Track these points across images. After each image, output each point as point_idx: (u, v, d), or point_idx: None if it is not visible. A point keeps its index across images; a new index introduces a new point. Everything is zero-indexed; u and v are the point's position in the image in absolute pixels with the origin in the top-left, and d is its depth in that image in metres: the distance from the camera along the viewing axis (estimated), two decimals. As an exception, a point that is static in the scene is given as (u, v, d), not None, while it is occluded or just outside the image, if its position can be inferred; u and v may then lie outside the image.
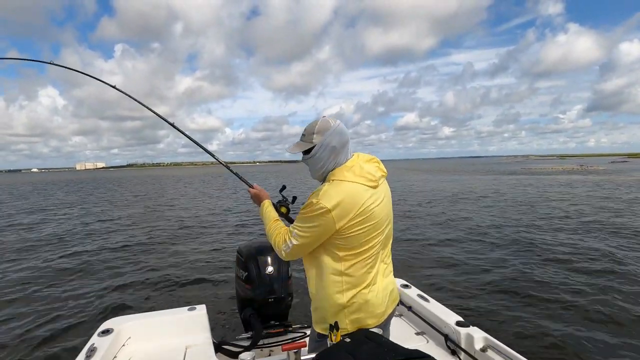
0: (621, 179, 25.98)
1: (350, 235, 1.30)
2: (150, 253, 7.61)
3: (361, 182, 1.32)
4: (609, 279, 5.27)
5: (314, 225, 1.29)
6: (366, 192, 1.32)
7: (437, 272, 5.80)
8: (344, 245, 1.32)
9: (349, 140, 1.39)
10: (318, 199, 1.28)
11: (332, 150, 1.36)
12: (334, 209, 1.25)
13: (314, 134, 1.37)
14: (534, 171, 42.29)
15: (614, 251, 6.67)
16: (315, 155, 1.37)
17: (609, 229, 8.74)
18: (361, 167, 1.35)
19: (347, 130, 1.40)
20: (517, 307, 4.44)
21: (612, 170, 40.91)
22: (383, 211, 1.37)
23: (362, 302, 1.37)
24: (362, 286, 1.37)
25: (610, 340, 3.63)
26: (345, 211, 1.27)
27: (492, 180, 28.63)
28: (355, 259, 1.34)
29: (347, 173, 1.33)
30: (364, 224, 1.30)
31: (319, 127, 1.37)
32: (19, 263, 7.16)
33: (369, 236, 1.33)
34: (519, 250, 6.97)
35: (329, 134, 1.36)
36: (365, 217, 1.30)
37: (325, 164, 1.38)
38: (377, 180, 1.36)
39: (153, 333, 2.24)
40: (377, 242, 1.37)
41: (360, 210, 1.28)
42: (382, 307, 1.42)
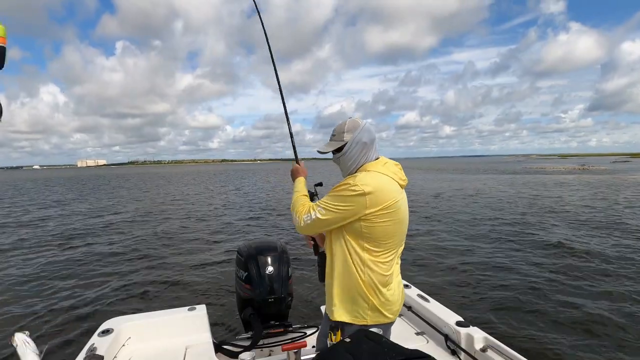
0: (623, 179, 25.92)
1: (377, 224, 1.34)
2: (150, 253, 7.61)
3: (395, 179, 1.41)
4: (611, 279, 5.27)
5: (345, 205, 1.32)
6: (398, 188, 1.41)
7: (437, 272, 5.80)
8: (370, 237, 1.35)
9: (376, 138, 1.47)
10: (355, 181, 1.32)
11: (363, 147, 1.43)
12: (370, 194, 1.30)
13: (344, 133, 1.45)
14: (535, 171, 42.22)
15: (615, 252, 6.66)
16: (348, 152, 1.44)
17: (611, 229, 8.73)
18: (395, 164, 1.46)
19: (373, 129, 1.48)
20: (517, 307, 4.44)
21: (614, 170, 40.84)
22: (405, 212, 1.45)
23: (383, 300, 1.42)
24: (383, 283, 1.42)
25: (610, 340, 3.64)
26: (379, 199, 1.32)
27: (492, 179, 28.60)
28: (379, 254, 1.39)
29: (380, 167, 1.41)
30: (391, 217, 1.35)
31: (349, 126, 1.45)
32: (18, 262, 7.17)
33: (392, 232, 1.38)
34: (519, 250, 6.97)
35: (359, 132, 1.43)
36: (393, 211, 1.35)
37: (357, 160, 1.44)
38: (405, 181, 1.47)
39: (153, 333, 2.24)
40: (397, 239, 1.43)
41: (391, 203, 1.34)
42: (397, 305, 1.49)
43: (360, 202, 1.31)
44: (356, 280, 1.40)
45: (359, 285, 1.40)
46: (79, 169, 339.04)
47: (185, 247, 8.14)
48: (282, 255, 2.52)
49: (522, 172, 38.66)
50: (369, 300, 1.40)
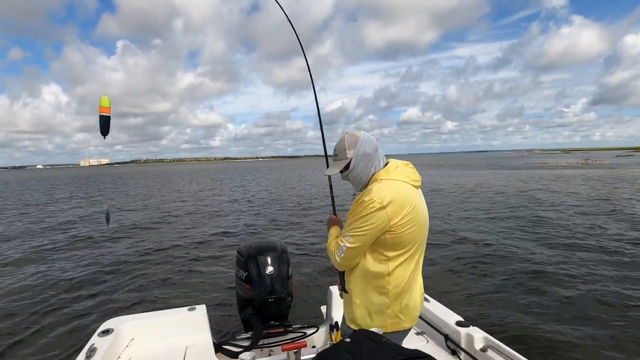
0: (624, 173, 25.79)
1: (402, 233, 1.32)
2: (150, 253, 7.61)
3: (408, 181, 1.39)
4: (612, 279, 5.22)
5: (369, 224, 1.31)
6: (413, 191, 1.39)
7: (437, 272, 5.77)
8: (393, 245, 1.34)
9: (378, 145, 1.46)
10: (371, 197, 1.30)
11: (368, 158, 1.42)
12: (389, 205, 1.29)
13: (346, 150, 1.43)
14: (537, 165, 42.10)
15: (617, 250, 6.62)
16: (355, 168, 1.43)
17: (615, 227, 8.68)
18: (405, 168, 1.43)
19: (372, 137, 1.47)
20: (517, 307, 4.42)
21: (618, 164, 40.66)
22: (425, 214, 1.43)
23: (404, 307, 1.42)
24: (404, 290, 1.41)
25: (610, 339, 3.61)
26: (399, 207, 1.30)
27: (494, 175, 28.54)
28: (401, 261, 1.37)
29: (392, 173, 1.39)
30: (413, 223, 1.34)
31: (349, 141, 1.44)
32: (18, 262, 7.19)
33: (415, 236, 1.37)
34: (520, 250, 6.92)
35: (360, 144, 1.42)
36: (414, 217, 1.34)
37: (366, 172, 1.43)
38: (419, 182, 1.44)
39: (153, 333, 2.24)
40: (420, 243, 1.42)
41: (411, 209, 1.33)
42: (417, 310, 1.48)
43: (382, 217, 1.29)
44: (377, 289, 1.39)
45: (380, 294, 1.39)
46: (82, 168, 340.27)
47: (185, 246, 8.14)
48: (282, 255, 2.52)
49: (525, 168, 38.55)
50: (389, 309, 1.39)
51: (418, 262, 1.44)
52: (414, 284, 1.44)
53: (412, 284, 1.42)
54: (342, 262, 1.41)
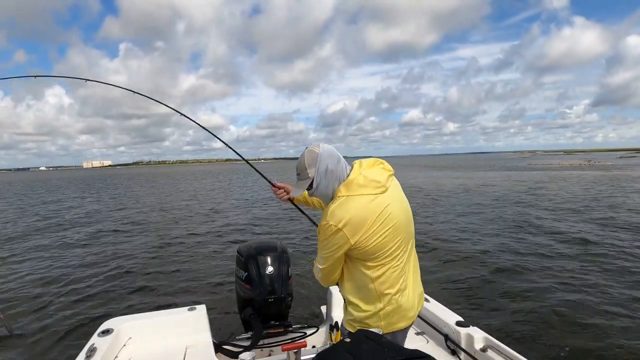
0: (631, 175, 25.67)
1: (371, 246, 1.31)
2: (150, 253, 7.63)
3: (367, 193, 1.33)
4: (612, 279, 5.20)
5: (331, 247, 1.34)
6: (375, 200, 1.32)
7: (437, 272, 5.76)
8: (368, 256, 1.34)
9: (340, 156, 1.42)
10: (327, 221, 1.31)
11: (330, 173, 1.38)
12: (344, 227, 1.28)
13: (306, 169, 1.40)
14: (540, 167, 41.98)
15: (619, 251, 6.59)
16: (318, 186, 1.40)
17: (618, 227, 8.64)
18: (365, 177, 1.35)
19: (333, 148, 1.43)
20: (517, 307, 4.41)
21: (621, 165, 40.49)
22: (400, 212, 1.39)
23: (396, 307, 1.40)
24: (395, 291, 1.39)
25: (610, 339, 3.60)
26: (357, 226, 1.29)
27: (496, 176, 28.47)
28: (384, 266, 1.36)
29: (351, 187, 1.34)
30: (381, 231, 1.31)
31: (308, 159, 1.40)
32: (18, 261, 7.22)
33: (391, 242, 1.34)
34: (520, 250, 6.91)
35: (320, 161, 1.38)
36: (381, 225, 1.31)
37: (331, 187, 1.39)
38: (385, 184, 1.36)
39: (153, 333, 2.24)
40: (401, 244, 1.39)
41: (372, 221, 1.29)
42: (413, 310, 1.47)
43: (341, 239, 1.30)
44: (367, 294, 1.40)
45: (370, 298, 1.40)
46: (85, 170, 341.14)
47: (186, 246, 8.15)
48: (282, 255, 2.51)
49: (528, 169, 38.45)
50: (381, 312, 1.40)
51: (407, 261, 1.43)
52: (407, 284, 1.43)
53: (403, 284, 1.41)
54: (322, 281, 1.49)
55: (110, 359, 1.98)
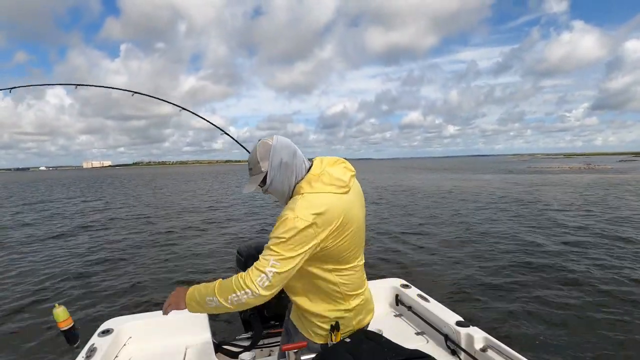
0: (631, 178, 25.69)
1: (334, 246, 1.23)
2: (150, 253, 7.64)
3: (333, 191, 1.24)
4: (612, 280, 5.22)
5: (297, 245, 1.17)
6: (340, 199, 1.24)
7: (437, 272, 5.80)
8: (331, 259, 1.27)
9: (296, 149, 1.32)
10: (295, 215, 1.16)
11: (285, 166, 1.28)
12: (314, 222, 1.17)
13: (259, 162, 1.29)
14: (539, 170, 42.01)
15: (621, 253, 6.62)
16: (272, 180, 1.29)
17: (617, 231, 8.64)
18: (329, 174, 1.26)
19: (288, 140, 1.33)
20: (517, 307, 4.42)
21: (621, 169, 40.54)
22: (359, 214, 1.33)
23: (363, 303, 1.40)
24: (361, 289, 1.39)
25: (610, 340, 3.61)
26: (326, 223, 1.19)
27: (495, 179, 28.48)
28: (348, 269, 1.32)
29: (315, 184, 1.25)
30: (345, 232, 1.24)
31: (260, 152, 1.30)
32: (17, 261, 7.21)
33: (352, 243, 1.30)
34: (520, 250, 6.94)
35: (273, 153, 1.28)
36: (346, 226, 1.24)
37: (286, 182, 1.29)
38: (348, 184, 1.28)
39: (153, 333, 2.24)
40: (359, 245, 1.36)
41: (340, 221, 1.22)
42: (372, 302, 1.49)
43: (308, 235, 1.16)
44: (333, 300, 1.34)
45: (337, 304, 1.34)
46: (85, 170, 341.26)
47: (186, 246, 8.16)
48: (282, 255, 2.51)
49: (527, 172, 38.48)
50: (351, 312, 1.36)
51: (361, 259, 1.41)
52: (364, 282, 1.44)
53: (362, 282, 1.42)
54: (267, 290, 1.18)
55: (110, 359, 1.98)
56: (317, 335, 1.38)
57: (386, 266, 6.23)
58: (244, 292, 1.18)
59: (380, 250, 7.36)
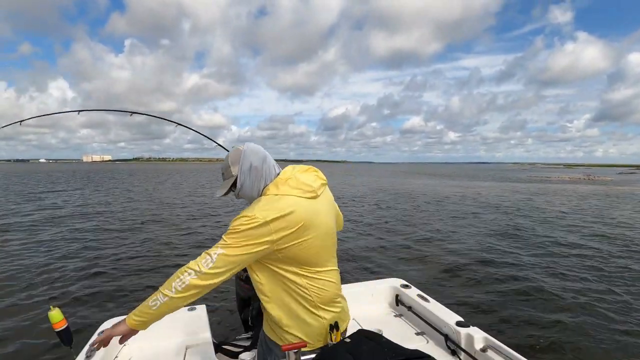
0: (625, 190, 25.68)
1: (298, 249, 1.24)
2: (150, 253, 7.59)
3: (299, 195, 1.26)
4: (611, 282, 5.27)
5: (248, 239, 1.18)
6: (305, 203, 1.25)
7: (437, 272, 5.83)
8: (297, 260, 1.26)
9: (266, 155, 1.37)
10: (253, 212, 1.19)
11: (255, 170, 1.33)
12: (272, 222, 1.18)
13: (230, 167, 1.36)
14: (539, 179, 42.00)
15: (617, 258, 6.61)
16: (243, 184, 1.34)
17: (615, 238, 8.66)
18: (297, 179, 1.29)
19: (259, 147, 1.38)
20: (517, 307, 4.45)
21: (620, 181, 40.54)
22: (326, 221, 1.32)
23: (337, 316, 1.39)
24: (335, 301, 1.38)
25: (610, 340, 3.64)
26: (284, 224, 1.19)
27: (496, 186, 28.46)
28: (316, 275, 1.31)
29: (282, 187, 1.27)
30: (307, 236, 1.24)
31: (231, 158, 1.37)
32: (17, 261, 7.17)
33: (318, 249, 1.29)
34: (520, 251, 6.99)
35: (243, 158, 1.34)
36: (308, 230, 1.24)
37: (256, 186, 1.33)
38: (316, 191, 1.30)
39: (153, 333, 2.24)
40: (328, 252, 1.35)
41: (302, 224, 1.22)
42: (348, 315, 1.47)
43: (262, 233, 1.17)
44: (298, 305, 1.30)
45: (302, 310, 1.31)
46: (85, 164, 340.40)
47: (186, 246, 8.15)
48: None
49: (527, 181, 38.46)
50: (320, 321, 1.33)
51: (331, 266, 1.38)
52: (339, 287, 1.42)
53: (338, 287, 1.40)
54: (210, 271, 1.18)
55: (110, 359, 1.99)
56: (288, 341, 1.38)
57: (386, 266, 6.25)
58: (187, 272, 1.20)
59: (381, 250, 7.37)
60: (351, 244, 8.00)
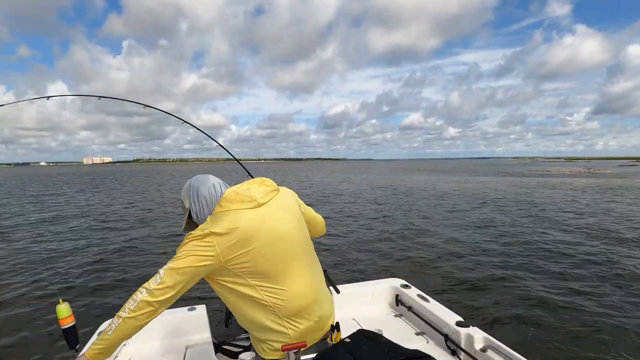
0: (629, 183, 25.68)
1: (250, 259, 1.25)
2: (150, 253, 7.61)
3: (241, 207, 1.29)
4: (610, 282, 5.23)
5: (193, 249, 1.22)
6: (249, 213, 1.28)
7: (437, 272, 5.81)
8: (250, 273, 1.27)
9: (209, 178, 1.45)
10: (201, 228, 1.26)
11: (203, 198, 1.40)
12: (214, 235, 1.22)
13: (183, 202, 1.46)
14: (540, 173, 42.03)
15: (617, 256, 6.59)
16: (196, 212, 1.42)
17: (615, 234, 8.65)
18: (237, 193, 1.33)
19: (206, 175, 1.48)
20: (517, 307, 4.43)
21: (620, 173, 40.55)
22: (277, 226, 1.32)
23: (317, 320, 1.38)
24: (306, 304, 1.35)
25: (611, 340, 3.62)
26: (227, 236, 1.22)
27: (495, 181, 28.46)
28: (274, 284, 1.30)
29: (224, 203, 1.31)
30: (254, 244, 1.25)
31: (183, 193, 1.47)
32: (16, 261, 7.17)
33: (274, 256, 1.29)
34: (520, 251, 6.96)
35: (191, 188, 1.44)
36: (254, 237, 1.25)
37: (207, 211, 1.39)
38: (258, 200, 1.32)
39: (153, 333, 2.24)
40: (287, 258, 1.33)
41: (245, 234, 1.24)
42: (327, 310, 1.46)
43: (207, 244, 1.21)
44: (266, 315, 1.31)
45: (272, 319, 1.31)
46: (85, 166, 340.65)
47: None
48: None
49: (528, 175, 38.48)
50: (290, 330, 1.33)
51: (301, 274, 1.36)
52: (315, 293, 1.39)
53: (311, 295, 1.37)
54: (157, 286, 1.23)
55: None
56: (264, 351, 1.39)
57: (386, 266, 6.24)
58: (140, 292, 1.26)
59: (380, 250, 7.36)
60: (351, 243, 8.00)
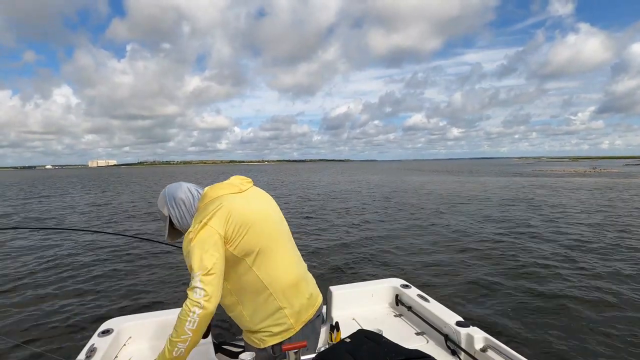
0: (635, 182, 25.49)
1: (240, 238, 1.30)
2: (150, 253, 7.63)
3: (226, 192, 1.37)
4: (612, 282, 5.19)
5: (210, 245, 1.25)
6: (233, 197, 1.36)
7: (437, 272, 5.80)
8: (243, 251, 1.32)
9: (181, 184, 1.49)
10: (192, 226, 1.30)
11: (181, 200, 1.43)
12: (209, 221, 1.27)
13: (161, 210, 1.47)
14: (544, 173, 41.84)
15: (620, 257, 6.55)
16: (177, 218, 1.43)
17: (617, 233, 8.59)
18: (216, 186, 1.40)
19: (178, 182, 1.52)
20: (517, 307, 4.41)
21: (626, 172, 40.29)
22: (259, 208, 1.41)
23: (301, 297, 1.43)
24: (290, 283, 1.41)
25: (611, 341, 3.59)
26: (221, 219, 1.29)
27: (500, 181, 28.37)
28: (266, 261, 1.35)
29: (207, 195, 1.38)
30: (244, 223, 1.32)
31: (159, 203, 1.48)
32: (16, 260, 7.22)
33: (260, 235, 1.35)
34: (521, 251, 6.92)
35: (168, 195, 1.45)
36: (243, 217, 1.32)
37: (190, 214, 1.42)
38: (239, 186, 1.42)
39: (153, 333, 2.23)
40: (273, 237, 1.40)
41: (234, 212, 1.31)
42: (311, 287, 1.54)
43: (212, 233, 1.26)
44: (263, 296, 1.37)
45: (268, 298, 1.37)
46: (91, 169, 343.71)
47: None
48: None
49: (533, 175, 38.33)
50: (286, 308, 1.39)
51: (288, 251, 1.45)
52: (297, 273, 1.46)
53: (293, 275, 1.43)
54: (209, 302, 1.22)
55: (110, 359, 1.98)
56: (262, 341, 1.43)
57: (386, 266, 6.24)
58: (192, 313, 1.23)
59: (381, 250, 7.36)
60: (351, 243, 8.00)
